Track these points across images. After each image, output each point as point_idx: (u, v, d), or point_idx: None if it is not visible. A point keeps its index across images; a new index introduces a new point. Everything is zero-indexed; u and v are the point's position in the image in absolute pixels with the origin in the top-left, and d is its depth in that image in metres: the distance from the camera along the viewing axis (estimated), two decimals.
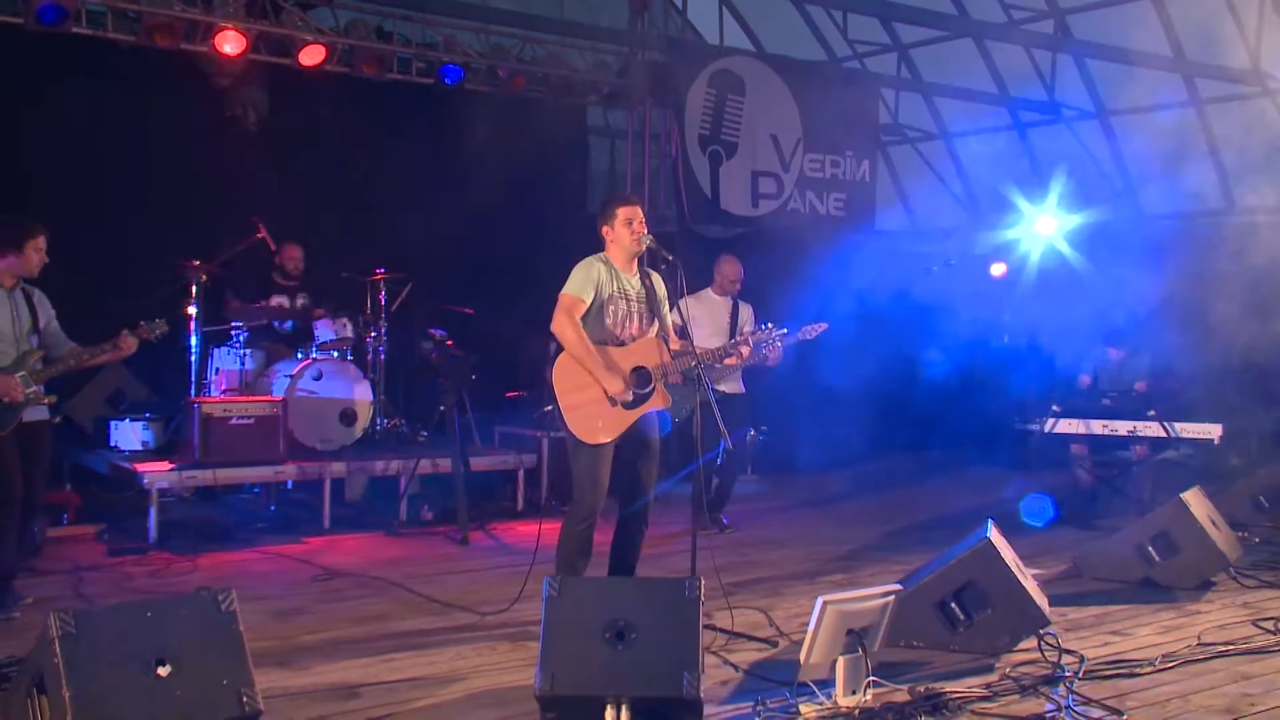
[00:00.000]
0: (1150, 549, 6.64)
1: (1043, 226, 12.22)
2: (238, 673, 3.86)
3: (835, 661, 4.50)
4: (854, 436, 11.76)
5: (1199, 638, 5.52)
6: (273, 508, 8.34)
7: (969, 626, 5.30)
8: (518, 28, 10.01)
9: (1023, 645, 5.26)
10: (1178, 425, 8.36)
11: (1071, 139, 13.39)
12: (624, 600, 4.29)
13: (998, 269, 12.64)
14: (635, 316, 5.53)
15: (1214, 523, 6.73)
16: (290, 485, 8.51)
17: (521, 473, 8.66)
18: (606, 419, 5.35)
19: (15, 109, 8.51)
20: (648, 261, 5.73)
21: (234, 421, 7.50)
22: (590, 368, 5.29)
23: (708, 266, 9.55)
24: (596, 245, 5.57)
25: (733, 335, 7.92)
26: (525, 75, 9.93)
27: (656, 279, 5.67)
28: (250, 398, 7.77)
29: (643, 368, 5.46)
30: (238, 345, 8.26)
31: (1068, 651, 5.23)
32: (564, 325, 5.29)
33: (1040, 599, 5.43)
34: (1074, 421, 8.56)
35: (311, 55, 8.97)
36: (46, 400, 5.73)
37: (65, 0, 8.08)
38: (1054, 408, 8.53)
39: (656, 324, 5.59)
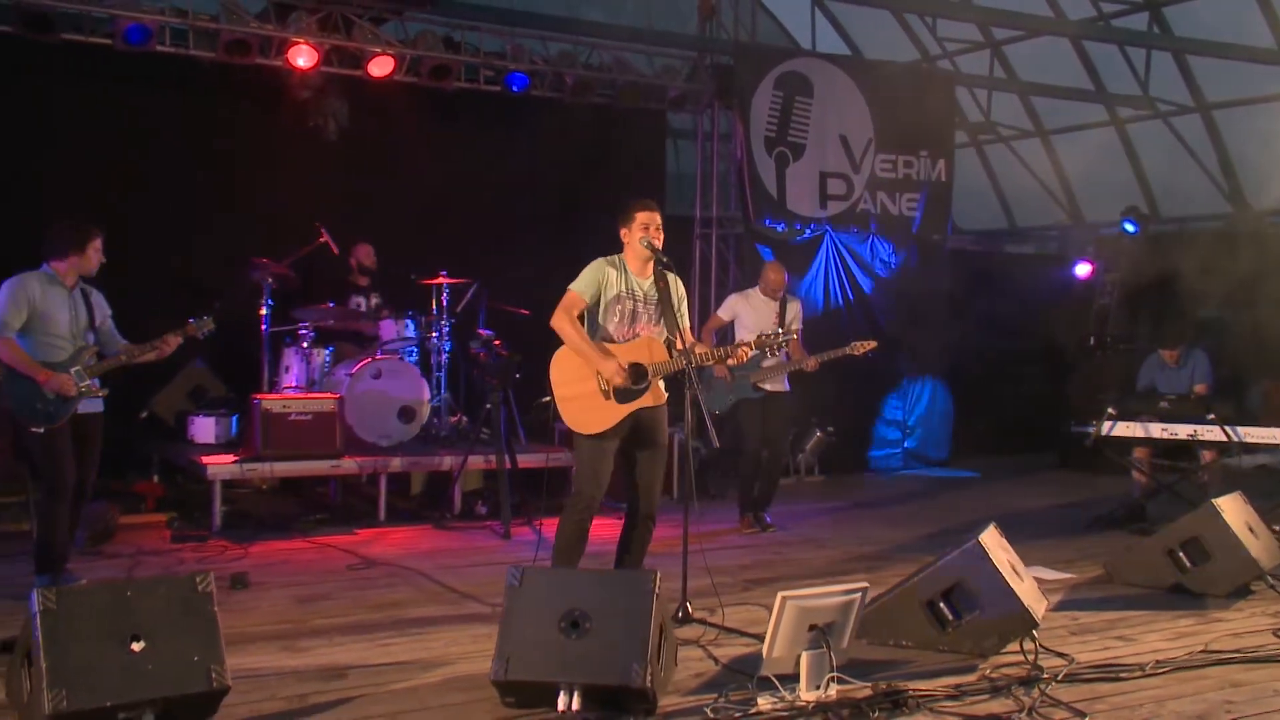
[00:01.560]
0: (1181, 555, 6.52)
1: (1133, 226, 11.94)
2: (209, 650, 4.14)
3: (799, 657, 4.62)
4: (934, 438, 11.72)
5: (1206, 645, 5.44)
6: (335, 499, 8.73)
7: (957, 627, 5.32)
8: (583, 35, 10.22)
9: (1014, 647, 5.26)
10: (1241, 429, 8.14)
11: (1168, 134, 13.03)
12: (582, 591, 4.47)
13: (1083, 270, 12.38)
14: (643, 317, 5.69)
15: (1251, 529, 6.56)
16: (364, 479, 8.92)
17: (574, 470, 8.86)
18: (599, 411, 5.54)
19: (108, 121, 9.05)
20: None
21: (293, 417, 7.91)
22: (587, 356, 5.48)
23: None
24: (669, 249, 5.74)
25: None
26: (592, 81, 10.16)
27: (675, 281, 5.79)
28: (309, 395, 8.17)
29: (638, 363, 5.62)
30: (306, 344, 8.67)
31: (1059, 654, 5.24)
32: (561, 320, 5.51)
33: (1035, 602, 5.41)
34: (1132, 425, 8.39)
35: (380, 66, 9.35)
36: (99, 394, 6.11)
37: (149, 21, 8.64)
38: (1109, 410, 8.38)
39: (663, 325, 5.73)
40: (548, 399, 5.64)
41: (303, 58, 9.07)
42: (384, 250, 9.62)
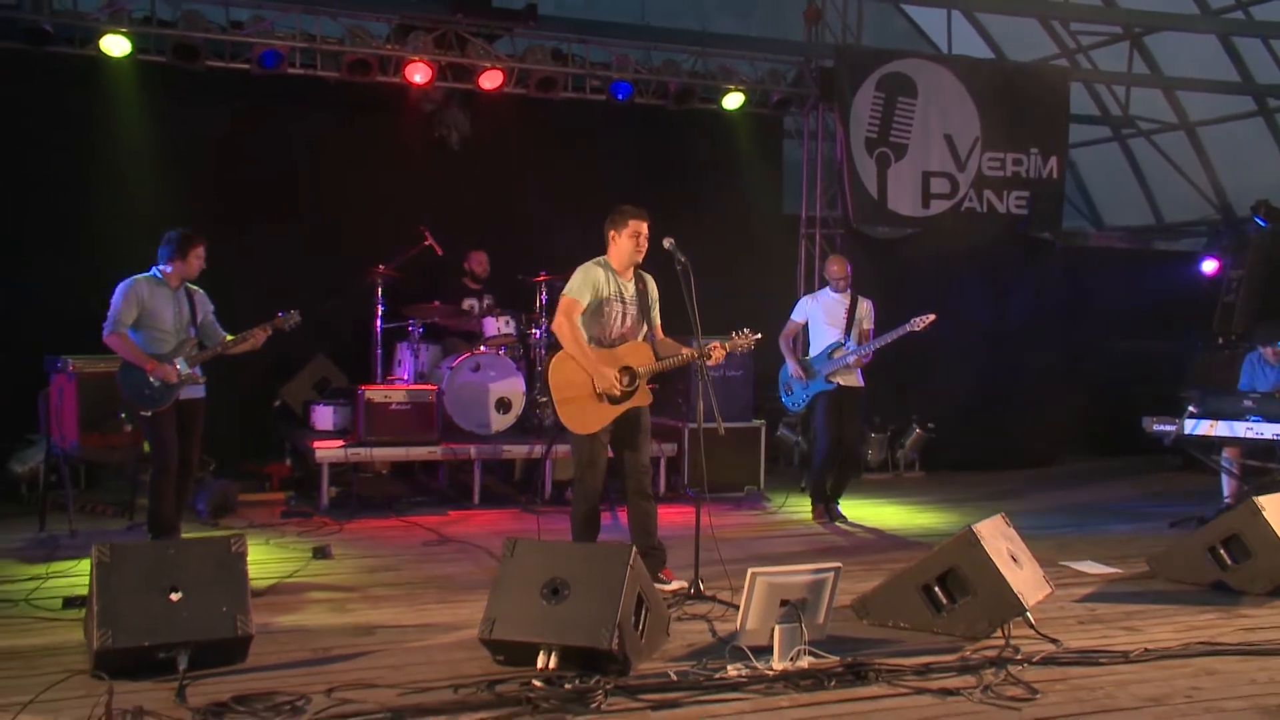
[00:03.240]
0: (1222, 551, 6.53)
1: (1263, 221, 11.61)
2: (236, 602, 4.80)
3: (773, 630, 4.98)
4: (1043, 436, 11.67)
5: (1211, 639, 5.51)
6: (442, 483, 9.41)
7: (951, 610, 5.56)
8: (690, 44, 10.67)
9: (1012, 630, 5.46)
10: None
11: None
12: (565, 562, 4.94)
13: (1210, 266, 12.09)
14: (626, 318, 6.20)
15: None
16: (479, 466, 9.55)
17: (664, 460, 9.36)
18: (594, 413, 6.07)
19: (245, 139, 9.98)
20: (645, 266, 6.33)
21: (393, 407, 8.63)
22: (585, 365, 5.99)
23: (874, 267, 9.98)
24: (781, 247, 6.22)
25: (849, 329, 8.32)
26: (694, 87, 10.60)
27: (650, 281, 6.32)
28: (408, 386, 8.88)
29: (629, 367, 6.09)
30: (415, 340, 9.39)
31: (1051, 640, 5.41)
32: (562, 325, 6.01)
33: (1031, 589, 5.61)
34: (1215, 424, 8.29)
35: (490, 79, 10.02)
36: (199, 381, 6.90)
37: (280, 46, 9.52)
38: (1190, 409, 8.30)
39: (645, 324, 6.21)
40: (544, 399, 6.15)
41: (419, 74, 9.81)
42: (497, 253, 10.27)
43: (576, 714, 4.38)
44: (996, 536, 5.69)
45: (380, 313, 9.44)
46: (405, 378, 9.34)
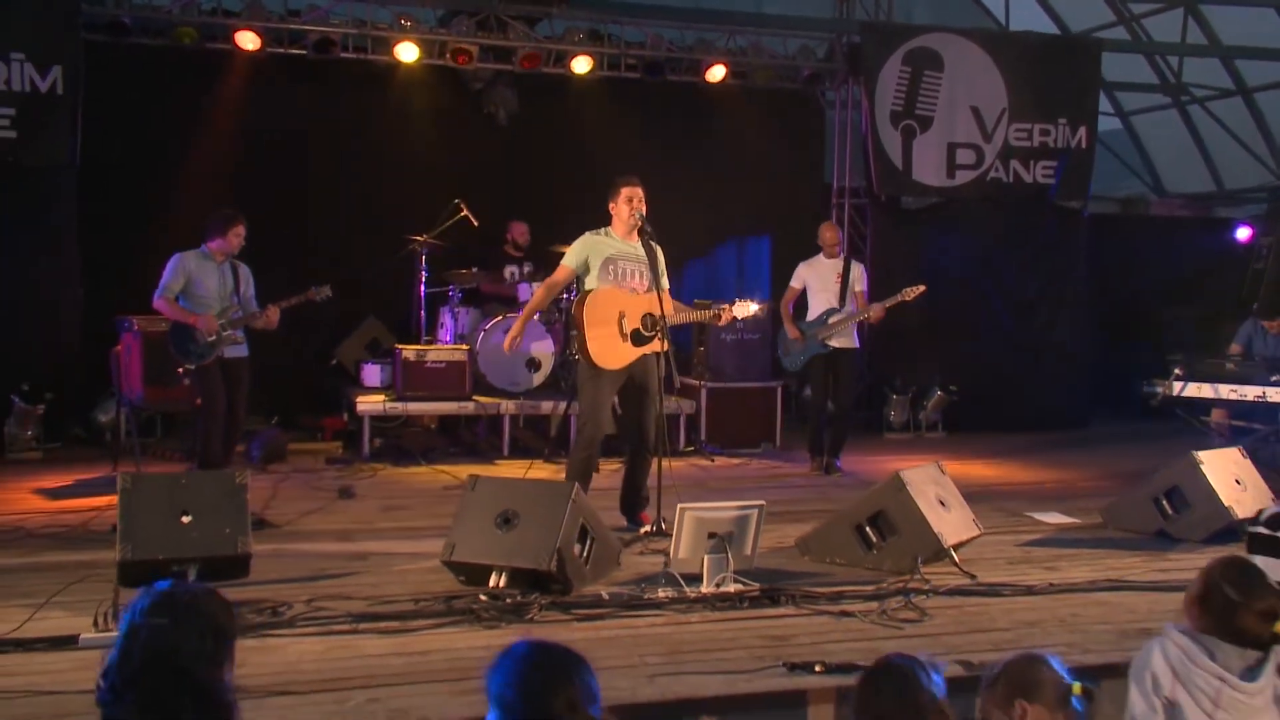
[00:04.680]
0: (1165, 502, 6.96)
1: None
2: (238, 526, 5.60)
3: (703, 559, 5.62)
4: (1070, 400, 11.95)
5: (1121, 577, 5.97)
6: (481, 437, 10.19)
7: (880, 548, 6.13)
8: (723, 24, 11.22)
9: (938, 567, 6.00)
10: None
11: None
12: (516, 496, 5.65)
13: (1243, 233, 12.22)
14: (636, 273, 6.79)
15: (1239, 481, 6.90)
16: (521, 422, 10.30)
17: (683, 417, 10.02)
18: (618, 350, 6.68)
19: (299, 118, 10.83)
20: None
21: (428, 365, 9.44)
22: (525, 317, 6.89)
23: (903, 235, 10.48)
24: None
25: (843, 293, 8.84)
26: (728, 64, 11.15)
27: (657, 247, 6.88)
28: (441, 346, 9.67)
29: (651, 314, 6.71)
30: (455, 304, 10.18)
31: (969, 575, 5.94)
32: (541, 286, 6.71)
33: (956, 530, 6.14)
34: (1202, 385, 8.63)
35: (531, 62, 10.72)
36: (239, 340, 7.73)
37: (331, 33, 10.35)
38: (1175, 371, 8.64)
39: (652, 283, 6.80)
40: (574, 333, 6.81)
41: (461, 56, 10.57)
42: (539, 223, 10.98)
43: (511, 623, 5.09)
44: (925, 482, 6.24)
45: (424, 278, 10.23)
46: (447, 339, 10.13)
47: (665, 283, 6.88)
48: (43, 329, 9.74)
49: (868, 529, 6.18)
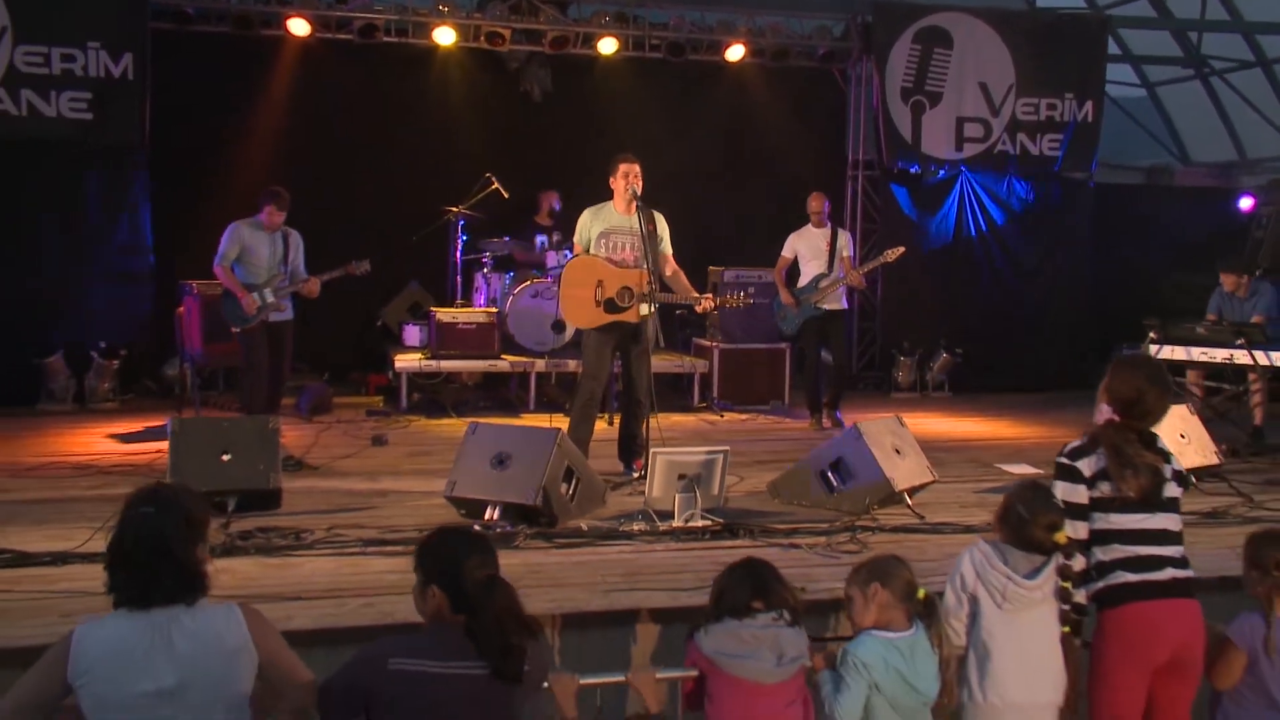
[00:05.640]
0: (830, 474, 6.94)
1: None
2: (270, 464, 6.49)
3: (674, 498, 6.40)
4: (1073, 362, 12.46)
5: None
6: (513, 393, 11.04)
7: (840, 491, 6.84)
8: (743, 6, 11.88)
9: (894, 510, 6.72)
10: (1275, 354, 8.77)
11: None
12: (510, 440, 6.46)
13: (1246, 203, 12.63)
14: (627, 246, 7.52)
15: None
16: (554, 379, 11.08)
17: (697, 376, 10.79)
18: (587, 313, 7.45)
19: (346, 98, 11.69)
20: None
21: (460, 326, 10.29)
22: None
23: (915, 204, 11.12)
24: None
25: (832, 259, 9.52)
26: (748, 43, 11.81)
27: (660, 220, 7.60)
28: (474, 309, 10.51)
29: (629, 287, 7.47)
30: (488, 270, 11.02)
31: (918, 515, 6.65)
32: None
33: (908, 476, 6.82)
34: (1175, 349, 9.17)
35: (560, 44, 11.48)
36: (283, 308, 8.62)
37: (375, 19, 11.19)
38: (1151, 335, 9.18)
39: (647, 253, 7.50)
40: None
41: (494, 38, 11.36)
42: (570, 194, 11.74)
43: (499, 549, 5.86)
44: (883, 433, 6.94)
45: (460, 246, 11.08)
46: (480, 302, 10.98)
47: (667, 249, 7.61)
48: (117, 293, 10.75)
49: (829, 474, 6.89)
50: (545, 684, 3.53)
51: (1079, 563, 3.93)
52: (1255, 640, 3.93)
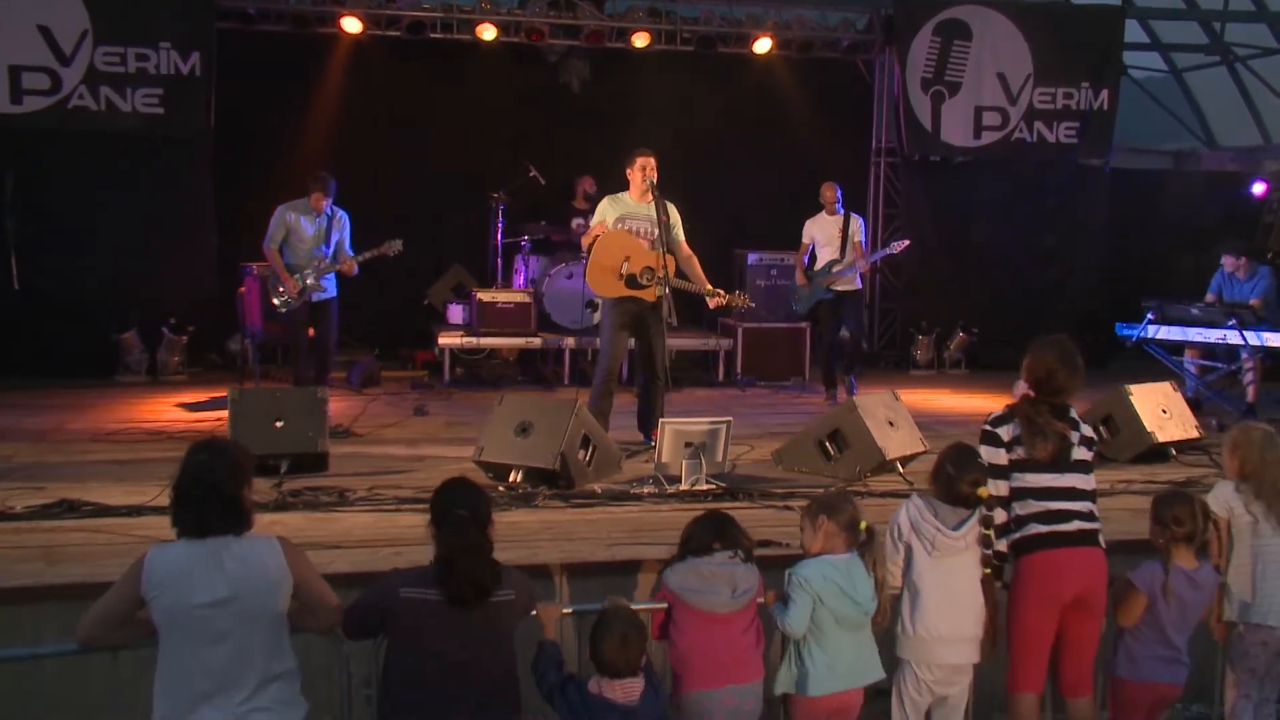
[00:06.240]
0: (1101, 427, 8.03)
1: None
2: (318, 430, 7.23)
3: (682, 464, 7.07)
4: (1091, 343, 12.90)
5: None
6: (549, 368, 11.74)
7: (837, 459, 7.47)
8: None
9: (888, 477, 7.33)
10: (1265, 335, 9.24)
11: None
12: (533, 409, 7.15)
13: (1259, 188, 13.01)
14: (644, 230, 8.12)
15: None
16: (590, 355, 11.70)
17: (722, 353, 11.45)
18: (609, 284, 8.04)
19: (396, 91, 12.43)
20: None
21: (499, 305, 11.02)
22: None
23: (935, 191, 11.68)
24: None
25: (844, 245, 10.10)
26: (774, 36, 12.38)
27: (673, 209, 8.23)
28: (513, 290, 11.24)
29: (651, 268, 8.10)
30: (526, 252, 11.74)
31: (908, 482, 7.26)
32: (588, 236, 8.17)
33: (900, 446, 7.42)
34: (1171, 329, 9.66)
35: (595, 38, 12.13)
36: (322, 289, 9.36)
37: (423, 17, 11.91)
38: (1149, 315, 9.66)
39: (662, 238, 8.10)
40: (585, 257, 8.19)
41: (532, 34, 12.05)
42: (606, 178, 12.39)
43: (519, 508, 6.62)
44: (877, 406, 7.56)
45: (501, 229, 11.80)
46: (520, 283, 11.70)
47: (680, 235, 8.22)
48: (186, 273, 11.57)
49: (827, 443, 7.52)
50: (534, 611, 4.22)
51: (1000, 516, 4.56)
52: (1154, 585, 4.54)
